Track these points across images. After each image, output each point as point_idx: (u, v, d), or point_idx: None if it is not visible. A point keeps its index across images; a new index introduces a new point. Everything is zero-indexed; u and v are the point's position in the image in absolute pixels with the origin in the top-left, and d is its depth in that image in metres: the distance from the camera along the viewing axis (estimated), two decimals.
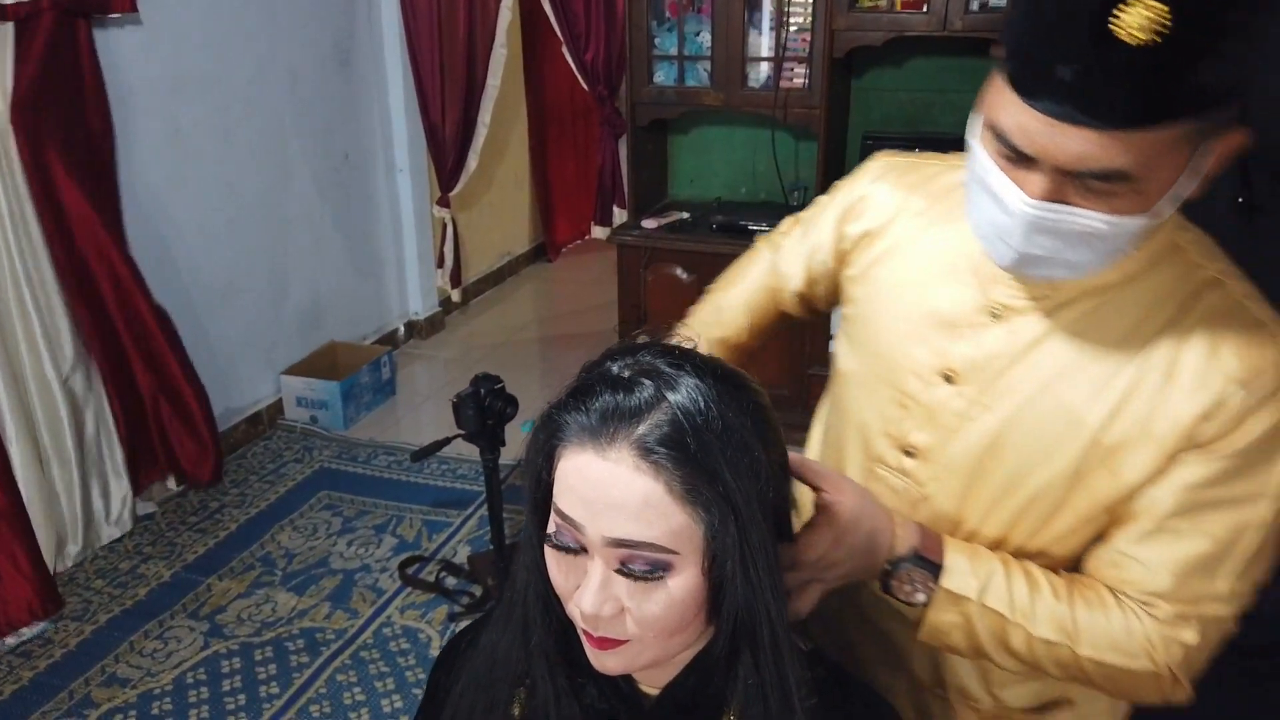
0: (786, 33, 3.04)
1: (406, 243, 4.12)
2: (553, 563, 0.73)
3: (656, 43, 3.24)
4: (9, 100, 2.33)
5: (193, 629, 2.44)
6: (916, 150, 1.08)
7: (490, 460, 2.50)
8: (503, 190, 4.89)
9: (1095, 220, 0.73)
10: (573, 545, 0.70)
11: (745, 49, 3.10)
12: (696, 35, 3.20)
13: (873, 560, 0.84)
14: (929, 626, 0.87)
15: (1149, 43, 0.65)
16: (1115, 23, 0.66)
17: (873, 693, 0.84)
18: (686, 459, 0.66)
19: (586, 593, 0.69)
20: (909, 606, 0.87)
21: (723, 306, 1.19)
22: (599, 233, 4.81)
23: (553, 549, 0.72)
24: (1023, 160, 0.74)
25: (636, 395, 0.68)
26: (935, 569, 0.85)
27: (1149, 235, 0.78)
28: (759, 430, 0.71)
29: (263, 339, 3.42)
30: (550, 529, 0.72)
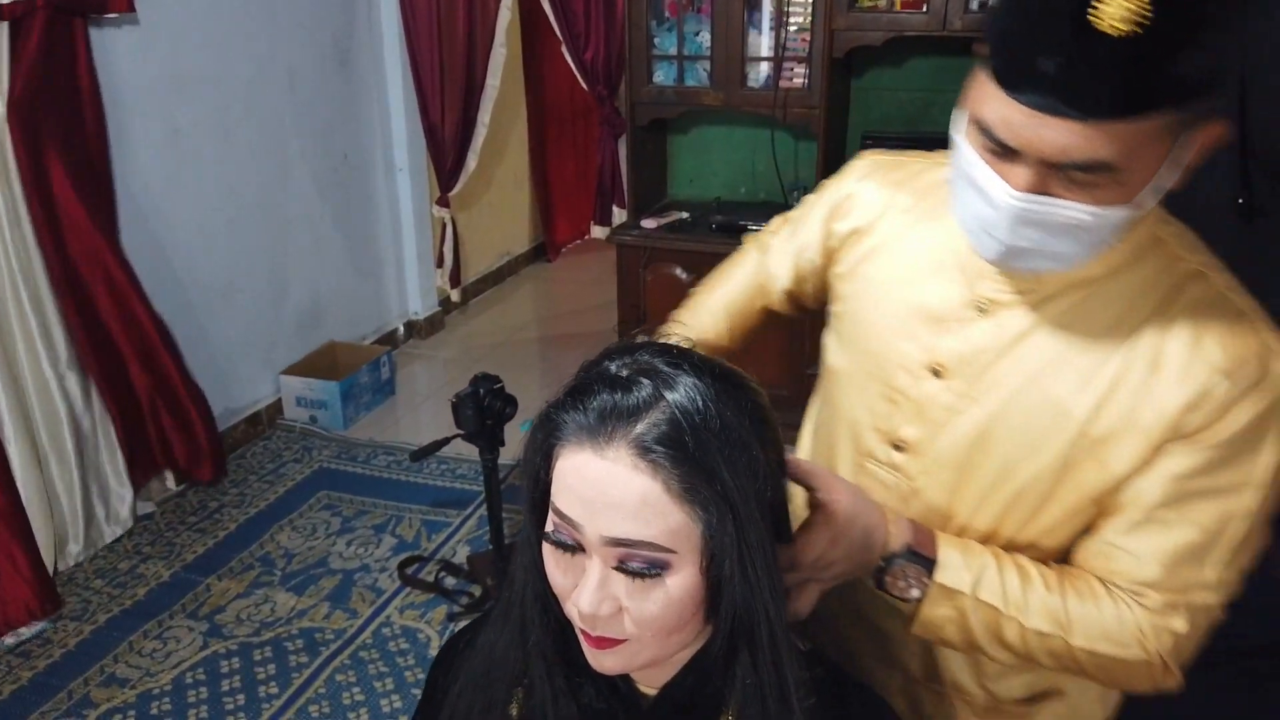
0: (786, 32, 3.04)
1: (406, 243, 4.12)
2: (551, 562, 0.73)
3: (656, 42, 3.24)
4: (5, 100, 2.33)
5: (192, 629, 2.44)
6: (917, 150, 1.08)
7: (489, 460, 2.50)
8: (502, 190, 4.89)
9: (1079, 211, 0.74)
10: (570, 543, 0.70)
11: (745, 49, 3.09)
12: (696, 35, 3.20)
13: (868, 557, 0.85)
14: (923, 621, 0.88)
15: (1129, 34, 0.66)
16: (1095, 14, 0.67)
17: (871, 693, 0.84)
18: (684, 458, 0.66)
19: (584, 592, 0.69)
20: (903, 602, 0.88)
21: (703, 309, 1.20)
22: (598, 232, 4.81)
23: (551, 547, 0.72)
24: (1007, 153, 0.75)
25: (634, 394, 0.68)
26: (929, 564, 0.86)
27: (1132, 226, 0.79)
28: (757, 429, 0.71)
29: (262, 339, 3.42)
30: (548, 528, 0.72)
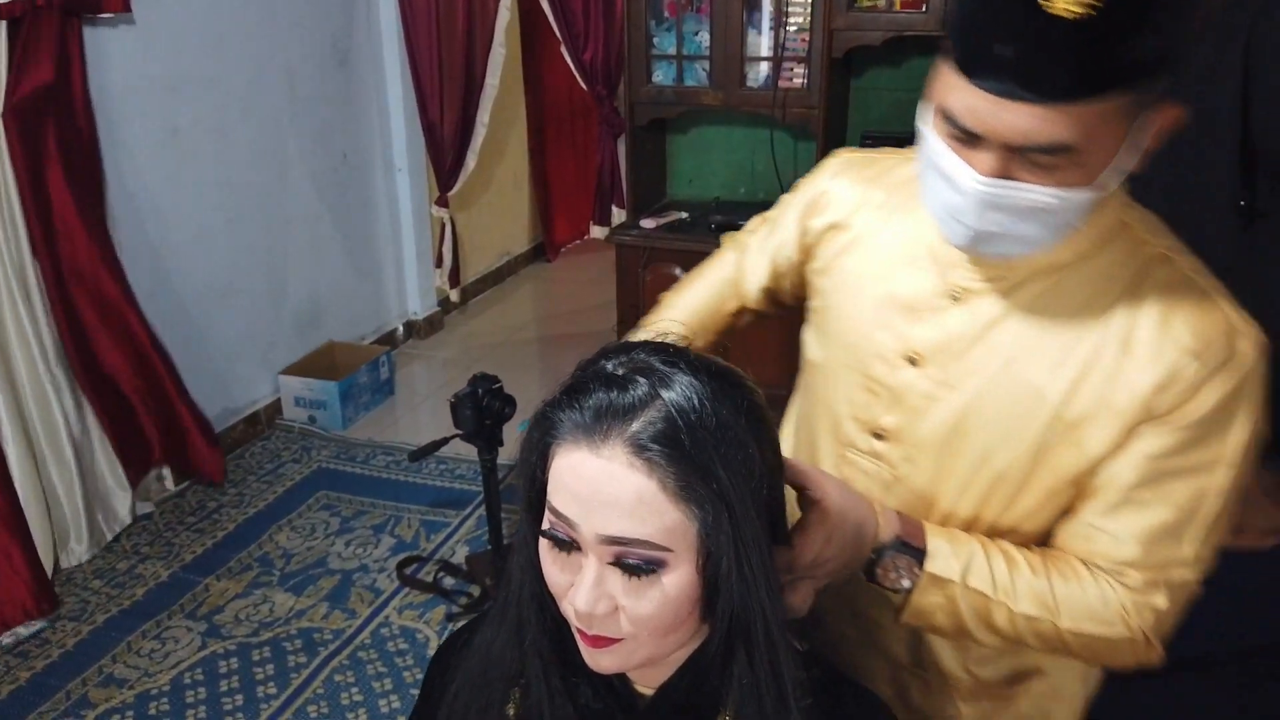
0: (785, 32, 3.04)
1: (405, 242, 4.11)
2: (547, 560, 0.73)
3: (655, 42, 3.23)
4: (0, 100, 2.33)
5: (190, 629, 2.44)
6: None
7: (488, 460, 2.50)
8: (501, 190, 4.89)
9: (1043, 194, 0.76)
10: (567, 540, 0.70)
11: (744, 49, 3.09)
12: (695, 35, 3.19)
13: (860, 551, 0.86)
14: (913, 609, 0.89)
15: (1082, 17, 0.68)
16: None
17: (868, 693, 0.84)
18: (680, 456, 0.66)
19: (580, 590, 0.69)
20: (893, 593, 0.89)
21: (671, 311, 1.21)
22: (598, 232, 4.81)
23: (548, 546, 0.72)
24: (971, 140, 0.77)
25: (631, 393, 0.68)
26: (919, 554, 0.87)
27: (1096, 208, 0.81)
28: (753, 428, 0.71)
29: (261, 339, 3.42)
30: (544, 525, 0.72)
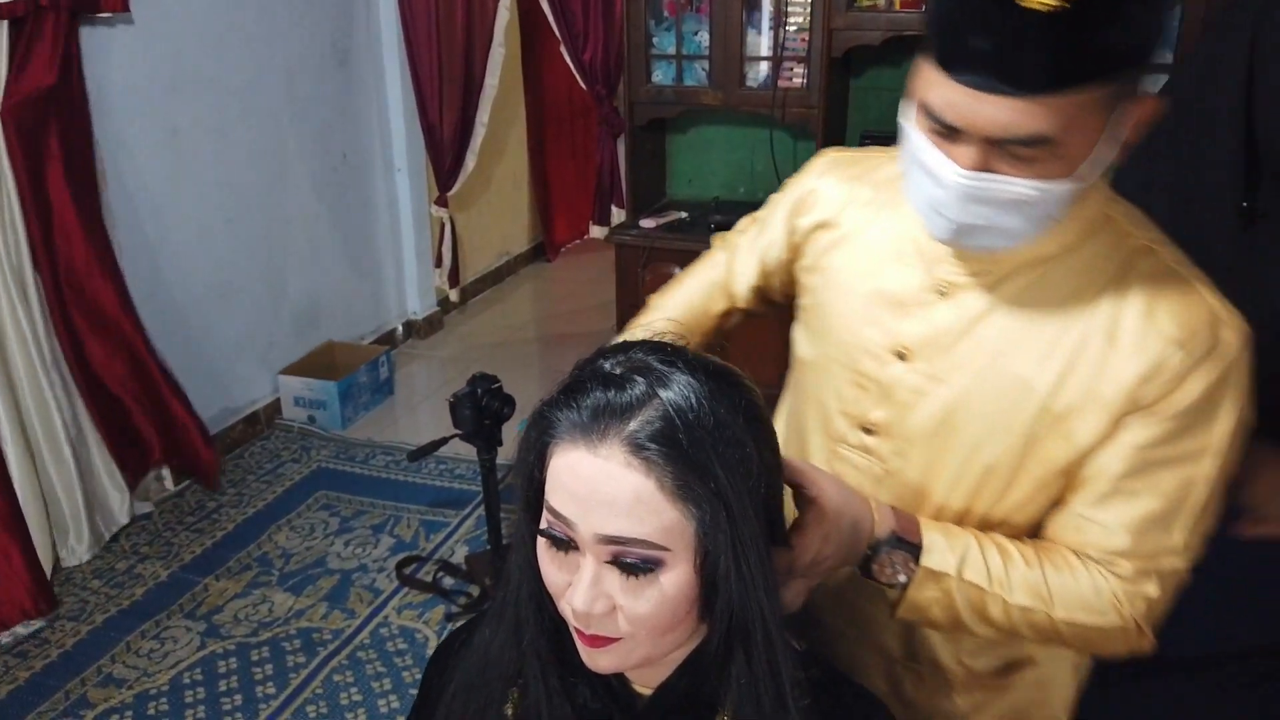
0: (785, 32, 3.04)
1: (405, 242, 4.11)
2: (545, 559, 0.73)
3: (655, 42, 3.24)
4: None
5: (189, 629, 2.43)
6: None
7: (487, 460, 2.49)
8: (501, 190, 4.89)
9: (1023, 187, 0.77)
10: (564, 538, 0.70)
11: (743, 48, 3.09)
12: (695, 35, 3.19)
13: (856, 548, 0.86)
14: (909, 604, 0.89)
15: (1056, 9, 0.69)
16: None
17: (867, 693, 0.84)
18: (678, 455, 0.66)
19: (578, 590, 0.69)
20: (888, 587, 0.89)
21: (661, 311, 1.21)
22: (597, 232, 4.80)
23: (546, 545, 0.72)
24: (951, 134, 0.78)
25: (628, 392, 0.68)
26: (914, 549, 0.87)
27: (1078, 201, 0.81)
28: (751, 427, 0.71)
29: (260, 338, 3.42)
30: (542, 524, 0.72)
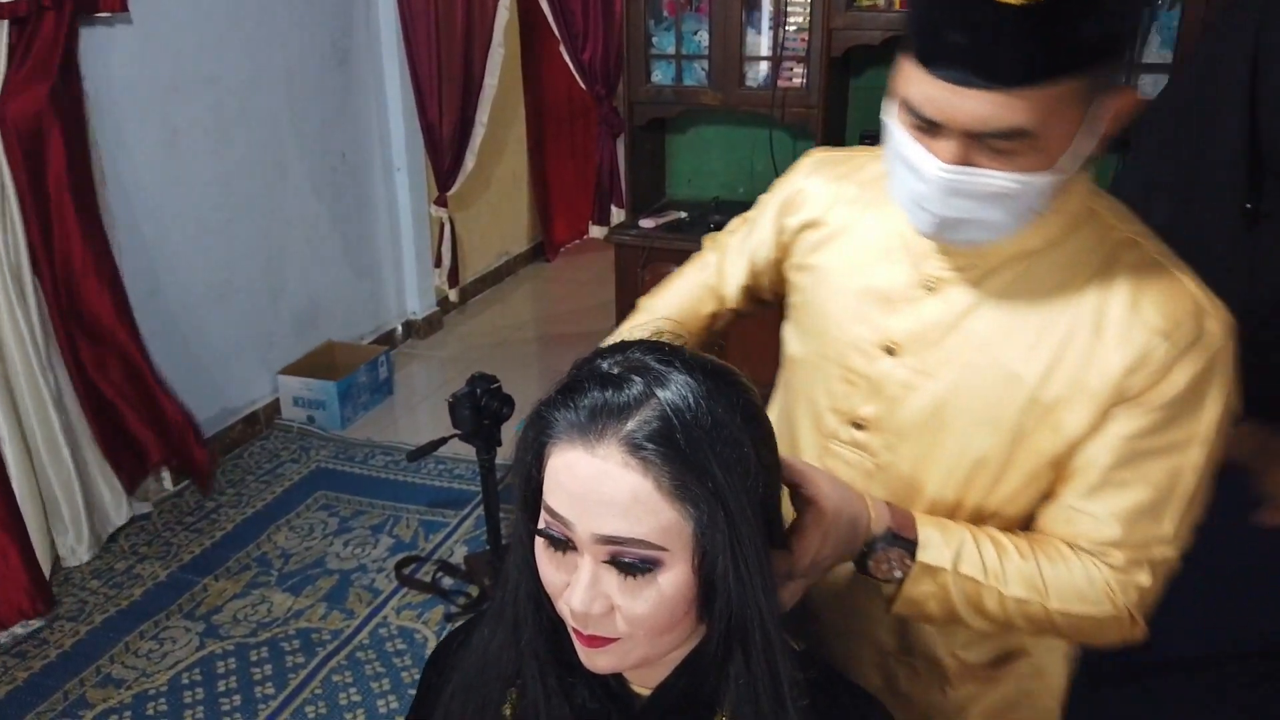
0: (784, 32, 3.03)
1: (404, 242, 4.11)
2: (543, 559, 0.72)
3: (654, 42, 3.23)
4: None
5: (188, 629, 2.43)
6: None
7: (486, 460, 2.49)
8: (501, 190, 4.89)
9: (1004, 180, 0.78)
10: (562, 538, 0.70)
11: (743, 48, 3.09)
12: (694, 34, 3.19)
13: (853, 546, 0.86)
14: (905, 599, 0.89)
15: (1031, 3, 0.69)
16: None
17: (864, 693, 0.84)
18: (676, 455, 0.66)
19: (576, 590, 0.69)
20: (884, 583, 0.89)
21: (651, 313, 1.23)
22: (597, 232, 4.80)
23: (544, 545, 0.72)
24: (932, 128, 0.79)
25: (626, 392, 0.68)
26: (910, 545, 0.87)
27: (1058, 193, 0.82)
28: (748, 426, 0.71)
29: (260, 338, 3.41)
30: (540, 524, 0.72)
